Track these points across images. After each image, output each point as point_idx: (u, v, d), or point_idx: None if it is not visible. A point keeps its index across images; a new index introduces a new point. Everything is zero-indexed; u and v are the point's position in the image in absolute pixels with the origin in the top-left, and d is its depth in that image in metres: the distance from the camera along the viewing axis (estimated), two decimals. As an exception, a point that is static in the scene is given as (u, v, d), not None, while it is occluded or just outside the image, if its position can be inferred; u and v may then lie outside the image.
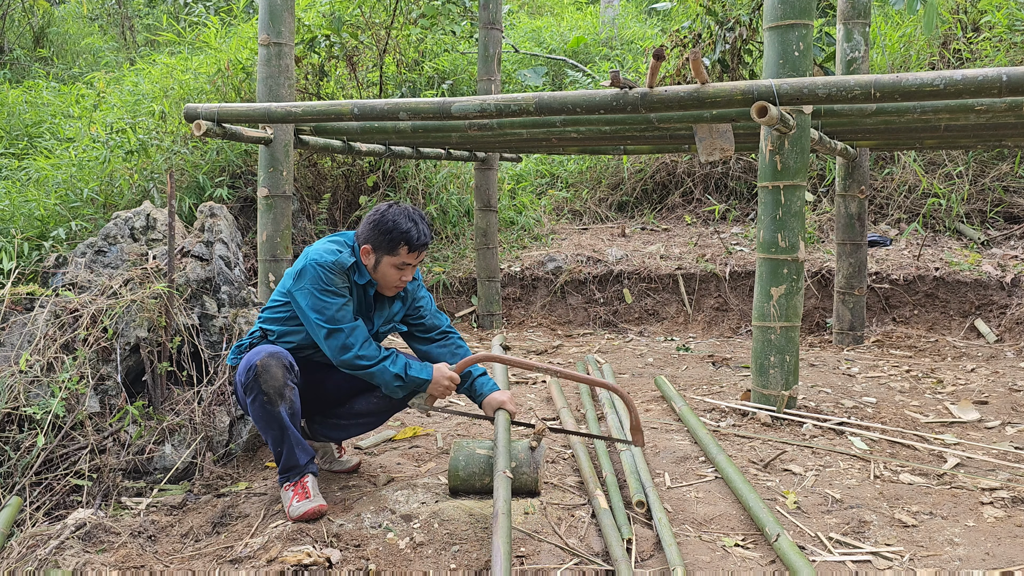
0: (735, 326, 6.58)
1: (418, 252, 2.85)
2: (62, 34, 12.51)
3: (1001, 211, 7.04)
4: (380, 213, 2.87)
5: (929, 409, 3.93)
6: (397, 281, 2.90)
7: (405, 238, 2.81)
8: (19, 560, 2.63)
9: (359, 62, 7.99)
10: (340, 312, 2.81)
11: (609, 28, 12.09)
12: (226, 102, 6.38)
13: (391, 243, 2.82)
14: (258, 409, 2.78)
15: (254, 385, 2.75)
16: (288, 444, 2.82)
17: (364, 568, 2.45)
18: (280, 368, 2.77)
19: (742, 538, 2.58)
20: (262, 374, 2.74)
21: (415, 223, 2.84)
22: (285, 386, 2.78)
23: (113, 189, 6.65)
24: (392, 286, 2.92)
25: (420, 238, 2.83)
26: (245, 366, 2.79)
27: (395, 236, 2.81)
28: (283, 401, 2.78)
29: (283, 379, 2.77)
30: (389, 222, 2.82)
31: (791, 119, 3.44)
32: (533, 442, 2.89)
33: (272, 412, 2.77)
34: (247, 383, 2.76)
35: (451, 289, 7.01)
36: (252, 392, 2.76)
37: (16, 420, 3.38)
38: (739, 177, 8.07)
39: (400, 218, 2.83)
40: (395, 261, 2.84)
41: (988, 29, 7.33)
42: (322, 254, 2.85)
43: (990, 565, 2.38)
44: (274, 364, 2.76)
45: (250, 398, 2.78)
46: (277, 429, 2.80)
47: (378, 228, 2.83)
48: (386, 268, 2.86)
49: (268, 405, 2.76)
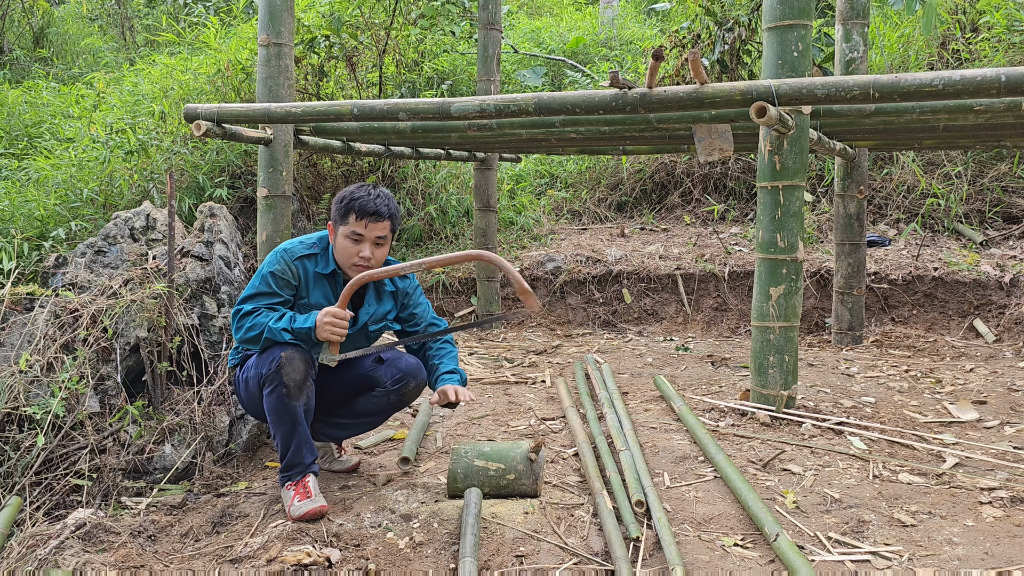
0: (734, 326, 6.59)
1: (367, 221, 2.80)
2: (62, 34, 12.51)
3: (1000, 211, 7.05)
4: (344, 190, 2.90)
5: (928, 409, 3.93)
6: (355, 257, 2.84)
7: (354, 205, 2.79)
8: (19, 560, 2.64)
9: (359, 62, 7.99)
10: (257, 299, 2.82)
11: (608, 28, 12.10)
12: (226, 102, 6.38)
13: (343, 212, 2.83)
14: (275, 401, 2.77)
15: (275, 376, 2.73)
16: (297, 441, 2.82)
17: (364, 568, 2.46)
18: (304, 362, 2.77)
19: (741, 538, 2.59)
20: (285, 365, 2.73)
21: (368, 193, 2.83)
22: (305, 381, 2.78)
23: (113, 189, 6.65)
24: (349, 263, 2.86)
25: (369, 206, 2.79)
26: (268, 357, 2.76)
27: (345, 204, 2.82)
28: (301, 396, 2.78)
29: (305, 373, 2.78)
30: (346, 194, 2.84)
31: (790, 119, 3.44)
32: (532, 454, 2.89)
33: (289, 406, 2.77)
34: (268, 374, 2.75)
35: (451, 289, 7.02)
36: (272, 383, 2.74)
37: (16, 420, 3.38)
38: (738, 177, 8.08)
39: (357, 190, 2.84)
40: (346, 231, 2.82)
41: (987, 29, 7.34)
42: (287, 242, 2.94)
43: (989, 565, 2.38)
44: (298, 357, 2.76)
45: (268, 388, 2.76)
46: (290, 423, 2.80)
47: (336, 201, 2.86)
48: (340, 239, 2.85)
49: (287, 398, 2.75)
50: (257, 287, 2.85)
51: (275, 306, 2.83)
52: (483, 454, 2.92)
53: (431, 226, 7.74)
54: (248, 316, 2.80)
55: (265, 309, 2.80)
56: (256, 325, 2.77)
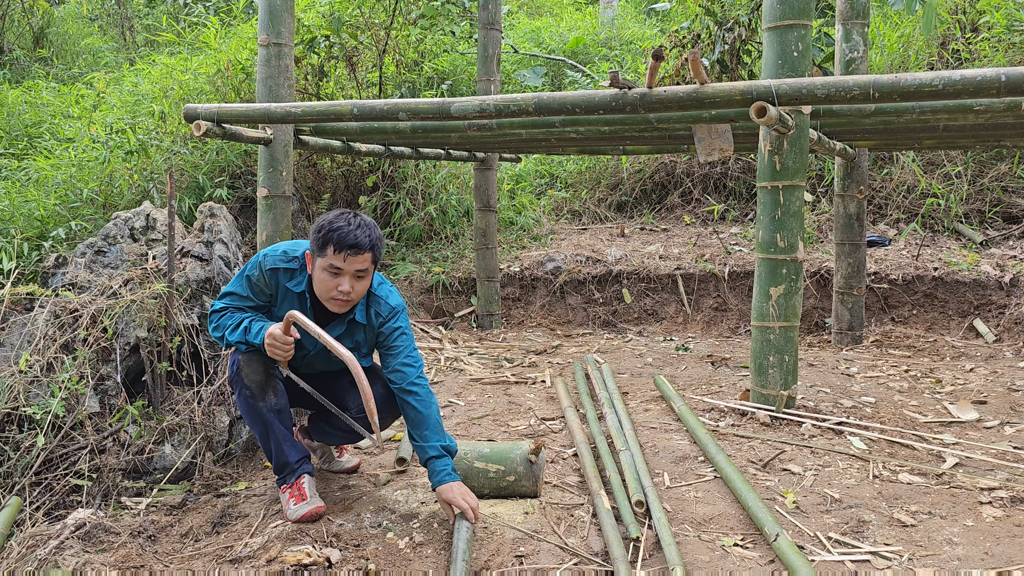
0: (734, 326, 6.58)
1: (346, 254, 2.56)
2: (62, 34, 12.51)
3: (1000, 211, 7.05)
4: (323, 217, 2.66)
5: (928, 409, 3.93)
6: (333, 291, 2.62)
7: (331, 236, 2.56)
8: (19, 560, 2.63)
9: (358, 62, 7.99)
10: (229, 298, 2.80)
11: (608, 28, 12.10)
12: (226, 102, 6.38)
13: (320, 243, 2.60)
14: (243, 403, 2.78)
15: (237, 378, 2.76)
16: (275, 440, 2.81)
17: (364, 568, 2.46)
18: (262, 364, 2.76)
19: (741, 538, 2.59)
20: (244, 367, 2.74)
21: (349, 223, 2.59)
22: (267, 381, 2.77)
23: (113, 189, 6.65)
24: (328, 296, 2.65)
25: (348, 238, 2.55)
26: (231, 359, 2.79)
27: (323, 234, 2.59)
28: (267, 395, 2.77)
29: (265, 374, 2.76)
30: (324, 223, 2.61)
31: (790, 119, 3.44)
32: (532, 456, 2.89)
33: (256, 407, 2.77)
34: (232, 376, 2.78)
35: (451, 289, 7.02)
36: (237, 385, 2.77)
37: (16, 420, 3.38)
38: (738, 177, 8.08)
39: (336, 219, 2.61)
40: (324, 263, 2.60)
41: (987, 29, 7.34)
42: (274, 247, 2.83)
43: (989, 564, 2.38)
44: (256, 358, 2.75)
45: (235, 392, 2.79)
46: (261, 424, 2.80)
47: (315, 230, 2.63)
48: (318, 272, 2.64)
49: (251, 399, 2.76)
50: (233, 288, 2.83)
51: (243, 308, 2.80)
52: (483, 455, 2.91)
53: (431, 226, 7.74)
54: (215, 315, 2.81)
55: (232, 311, 2.79)
56: (220, 327, 2.78)
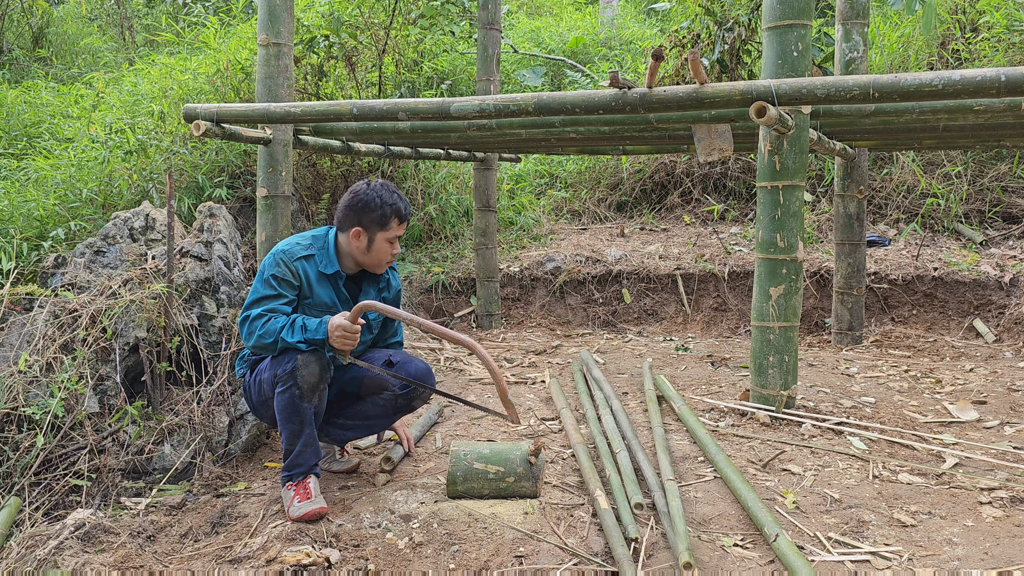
0: (734, 326, 6.58)
1: (407, 222, 3.02)
2: (61, 34, 12.50)
3: (1000, 211, 7.05)
4: (360, 194, 2.95)
5: (928, 409, 3.93)
6: (388, 256, 3.00)
7: (395, 211, 2.94)
8: (18, 560, 2.63)
9: (358, 62, 7.99)
10: (263, 302, 2.83)
11: (608, 28, 12.10)
12: (225, 102, 6.37)
13: (383, 218, 2.93)
14: (287, 400, 2.79)
15: (290, 377, 2.77)
16: (304, 442, 2.84)
17: (363, 568, 2.45)
18: (320, 367, 2.80)
19: (741, 538, 2.58)
20: (301, 368, 2.76)
21: (393, 194, 2.98)
22: (319, 384, 2.81)
23: (112, 189, 6.64)
24: (384, 262, 3.01)
25: (403, 209, 2.98)
26: (284, 359, 2.79)
27: (386, 211, 2.93)
28: (314, 398, 2.82)
29: (320, 378, 2.81)
30: (375, 199, 2.93)
31: (790, 119, 3.44)
32: (532, 457, 2.89)
33: (300, 407, 2.80)
34: (283, 374, 2.77)
35: (450, 289, 7.01)
36: (285, 383, 2.77)
37: (15, 420, 3.38)
38: (738, 177, 8.08)
39: (383, 193, 2.95)
40: (387, 236, 2.96)
41: (987, 29, 7.34)
42: (282, 243, 2.96)
43: (988, 565, 2.38)
44: (315, 361, 2.79)
45: (281, 388, 2.79)
46: (298, 424, 2.82)
47: (366, 208, 2.93)
48: (381, 244, 2.96)
49: (299, 399, 2.79)
50: (261, 291, 2.86)
51: (283, 307, 2.85)
52: (482, 456, 2.91)
53: (431, 226, 7.74)
54: (258, 321, 2.81)
55: (273, 314, 2.81)
56: (268, 332, 2.78)
